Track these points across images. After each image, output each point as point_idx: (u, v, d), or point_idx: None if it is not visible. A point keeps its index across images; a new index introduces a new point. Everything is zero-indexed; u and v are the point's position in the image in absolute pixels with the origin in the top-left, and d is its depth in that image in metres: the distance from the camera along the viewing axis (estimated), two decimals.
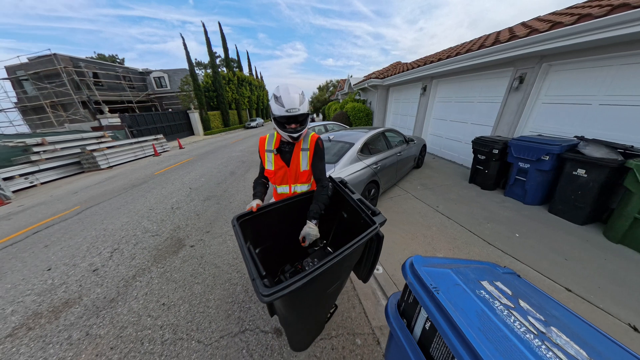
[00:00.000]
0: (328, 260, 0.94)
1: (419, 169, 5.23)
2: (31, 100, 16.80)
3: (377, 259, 1.34)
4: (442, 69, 5.35)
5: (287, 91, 1.22)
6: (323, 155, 1.48)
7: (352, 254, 1.14)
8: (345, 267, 1.26)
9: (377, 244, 1.28)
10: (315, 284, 0.97)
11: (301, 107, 1.25)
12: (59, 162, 7.41)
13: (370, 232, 1.12)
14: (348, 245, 1.03)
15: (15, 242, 3.36)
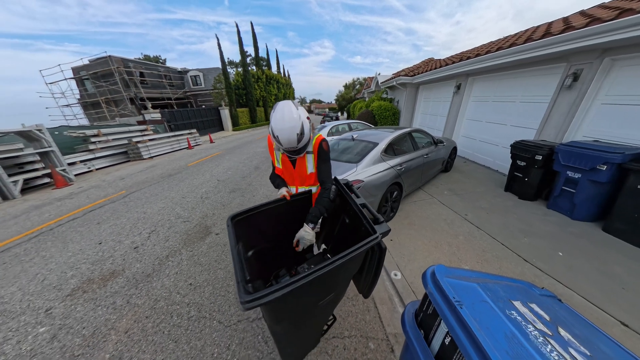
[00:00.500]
0: (316, 270, 0.84)
1: (448, 173, 4.91)
2: (90, 97, 19.34)
3: (379, 273, 1.20)
4: (480, 65, 4.92)
5: (283, 131, 1.16)
6: (327, 157, 1.44)
7: (348, 266, 1.03)
8: (341, 279, 1.15)
9: (378, 256, 1.14)
10: (301, 295, 0.89)
11: (300, 144, 1.22)
12: (110, 152, 8.44)
13: (369, 243, 0.99)
14: (340, 255, 0.91)
15: (75, 218, 3.93)
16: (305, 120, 1.21)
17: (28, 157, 6.09)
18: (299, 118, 1.17)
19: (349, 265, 1.04)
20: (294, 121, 1.15)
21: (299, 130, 1.17)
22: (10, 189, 5.32)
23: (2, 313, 2.05)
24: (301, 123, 1.18)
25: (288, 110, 1.17)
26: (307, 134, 1.23)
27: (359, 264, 1.23)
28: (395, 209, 3.24)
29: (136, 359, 1.59)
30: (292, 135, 1.16)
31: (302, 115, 1.20)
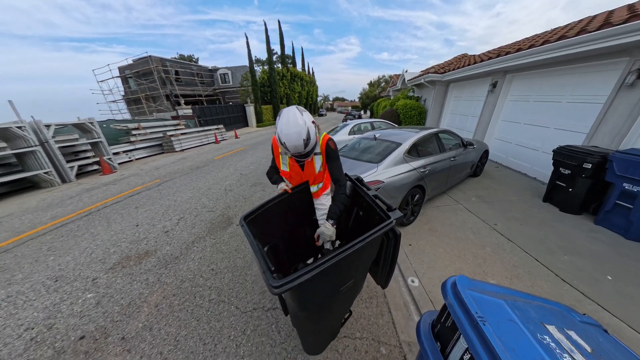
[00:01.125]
0: (339, 253, 0.90)
1: (477, 178, 4.57)
2: (132, 93, 21.35)
3: (395, 260, 1.25)
4: (522, 61, 4.46)
5: (290, 137, 1.18)
6: (336, 155, 1.46)
7: (366, 250, 1.09)
8: (360, 265, 1.20)
9: (394, 243, 1.19)
10: (326, 278, 0.94)
11: (306, 149, 1.24)
12: (147, 144, 9.28)
13: (385, 226, 1.04)
14: (361, 238, 0.97)
15: (118, 202, 4.40)
16: (311, 125, 1.23)
17: (82, 147, 6.95)
18: (305, 123, 1.19)
19: (366, 250, 1.08)
20: (299, 127, 1.17)
21: (305, 136, 1.19)
22: (68, 173, 6.13)
23: (60, 278, 2.39)
24: (307, 128, 1.19)
25: (293, 116, 1.19)
26: (313, 138, 1.26)
27: (375, 251, 1.26)
28: (415, 213, 3.11)
29: (163, 331, 1.75)
30: (298, 141, 1.19)
31: (307, 120, 1.22)
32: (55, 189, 5.56)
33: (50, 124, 5.90)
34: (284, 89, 24.19)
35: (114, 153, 7.71)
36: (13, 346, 1.70)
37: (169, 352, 1.60)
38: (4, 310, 2.03)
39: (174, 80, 20.54)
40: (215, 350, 1.60)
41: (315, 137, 1.28)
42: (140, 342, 1.68)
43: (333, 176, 1.48)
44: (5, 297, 2.18)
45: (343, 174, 1.49)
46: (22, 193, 5.43)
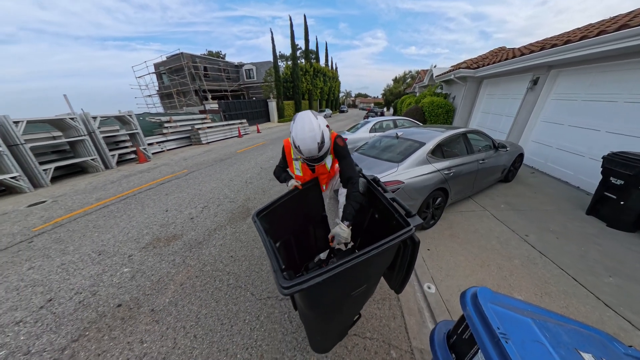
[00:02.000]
0: (353, 258, 0.87)
1: (508, 184, 4.22)
2: (165, 88, 22.93)
3: (412, 267, 1.19)
4: (571, 54, 3.96)
5: (305, 141, 1.20)
6: (346, 152, 1.43)
7: (381, 257, 1.04)
8: (373, 271, 1.15)
9: (412, 250, 1.12)
10: (337, 282, 0.92)
11: (321, 153, 1.25)
12: (177, 136, 9.95)
13: (403, 234, 0.98)
14: (376, 245, 0.92)
15: (151, 188, 4.82)
16: (325, 129, 1.24)
17: (121, 137, 7.67)
18: (319, 127, 1.20)
19: (382, 257, 1.04)
20: (314, 131, 1.19)
21: (320, 139, 1.20)
22: (110, 160, 6.83)
23: (102, 252, 2.71)
24: (321, 132, 1.21)
25: (308, 120, 1.21)
26: (327, 142, 1.26)
27: (391, 257, 1.21)
28: (436, 217, 2.97)
29: (187, 308, 1.91)
30: (313, 145, 1.20)
31: (322, 124, 1.23)
32: (100, 174, 6.23)
33: (97, 115, 6.59)
34: (307, 85, 24.26)
35: (149, 144, 8.40)
36: (66, 306, 1.98)
37: (191, 327, 1.74)
38: (59, 275, 2.36)
39: (202, 76, 21.67)
40: (231, 330, 1.70)
41: (330, 141, 1.29)
42: (166, 316, 1.85)
43: (344, 175, 1.42)
44: (60, 264, 2.53)
45: (355, 171, 1.43)
46: (74, 176, 6.18)
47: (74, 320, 1.84)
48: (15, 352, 1.61)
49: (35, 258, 2.66)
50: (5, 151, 4.75)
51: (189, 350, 1.58)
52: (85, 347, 1.63)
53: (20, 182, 4.97)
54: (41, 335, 1.73)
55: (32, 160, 5.22)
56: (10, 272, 2.43)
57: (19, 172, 4.95)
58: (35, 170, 5.29)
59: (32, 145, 5.33)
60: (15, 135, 4.99)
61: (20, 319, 1.87)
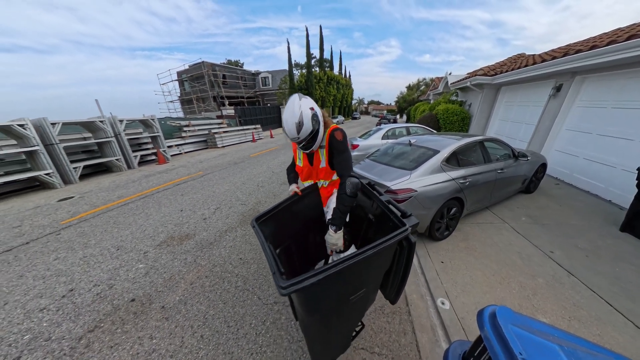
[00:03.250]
0: (348, 258, 0.87)
1: (530, 195, 3.98)
2: (186, 95, 24.20)
3: (408, 272, 1.15)
4: (599, 59, 3.75)
5: (286, 122, 1.23)
6: (342, 148, 1.34)
7: (378, 258, 1.02)
8: (371, 275, 1.12)
9: (407, 253, 1.09)
10: (334, 284, 0.92)
11: (300, 134, 1.23)
12: (195, 139, 10.40)
13: (399, 234, 0.97)
14: (372, 245, 0.91)
15: (168, 188, 5.02)
16: (307, 111, 1.22)
17: (144, 139, 8.14)
18: (299, 108, 1.21)
19: (379, 259, 1.02)
20: (293, 112, 1.21)
21: (297, 120, 1.20)
22: (132, 161, 7.23)
23: (120, 247, 2.84)
24: (300, 113, 1.20)
25: (291, 101, 1.23)
26: (308, 125, 1.23)
27: (388, 260, 1.18)
28: (451, 228, 2.84)
29: (195, 307, 1.93)
30: (291, 125, 1.21)
31: (304, 105, 1.22)
32: (123, 173, 6.61)
33: (123, 119, 7.05)
34: (320, 92, 24.68)
35: (168, 146, 8.83)
36: (85, 297, 2.08)
37: (198, 327, 1.76)
38: (81, 267, 2.49)
39: (221, 83, 22.69)
40: (237, 334, 1.70)
41: (311, 124, 1.24)
42: (176, 314, 1.88)
43: (337, 172, 1.38)
44: (82, 257, 2.67)
45: (348, 170, 1.33)
46: (99, 174, 6.60)
47: (91, 311, 1.92)
48: (37, 338, 1.70)
49: (61, 249, 2.83)
50: (42, 150, 5.19)
51: (195, 351, 1.58)
52: (100, 338, 1.69)
53: (53, 179, 5.38)
54: (61, 323, 1.82)
55: (65, 159, 5.65)
56: (39, 262, 2.60)
57: (53, 169, 5.37)
58: (67, 168, 5.71)
59: (65, 145, 5.78)
60: (52, 136, 5.45)
61: (45, 306, 1.98)
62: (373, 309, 1.89)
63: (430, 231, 2.66)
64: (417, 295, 2.04)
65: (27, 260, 2.65)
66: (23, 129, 4.96)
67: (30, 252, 2.81)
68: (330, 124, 1.40)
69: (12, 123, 4.84)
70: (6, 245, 2.99)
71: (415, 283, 2.18)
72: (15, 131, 4.99)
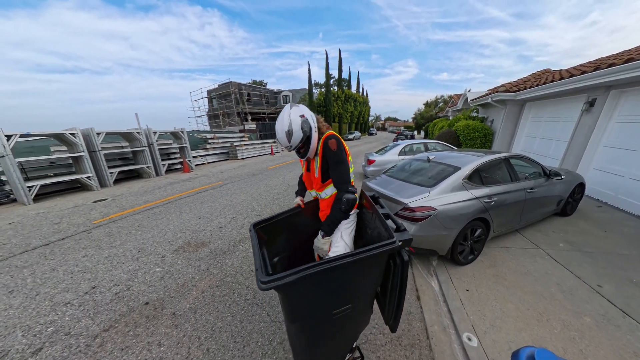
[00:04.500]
0: (325, 262, 0.84)
1: (566, 218, 3.59)
2: (214, 110, 26.18)
3: (403, 294, 1.05)
4: (637, 72, 3.47)
5: (277, 131, 1.23)
6: (338, 159, 1.25)
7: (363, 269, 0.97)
8: (357, 289, 1.05)
9: (401, 272, 1.00)
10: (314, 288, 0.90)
11: (292, 142, 1.22)
12: (218, 151, 11.04)
13: (383, 246, 0.89)
14: (355, 252, 0.88)
15: (189, 196, 5.28)
16: (296, 118, 1.19)
17: (173, 149, 8.80)
18: (288, 116, 1.19)
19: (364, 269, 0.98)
20: (283, 120, 1.20)
21: (287, 128, 1.18)
22: (161, 169, 7.80)
23: (141, 250, 2.97)
24: (289, 121, 1.18)
25: (283, 111, 1.23)
26: (298, 132, 1.20)
27: (378, 276, 1.11)
28: (476, 252, 2.61)
29: (204, 317, 1.91)
30: (282, 134, 1.20)
31: (293, 113, 1.20)
32: (151, 180, 7.11)
33: (156, 131, 7.75)
34: (337, 109, 25.40)
35: (193, 156, 9.44)
36: (105, 295, 2.16)
37: (205, 339, 1.72)
38: (105, 266, 2.63)
39: (245, 100, 24.33)
40: (243, 351, 1.63)
41: (301, 131, 1.20)
42: (185, 322, 1.87)
43: (334, 184, 1.33)
44: (107, 256, 2.83)
45: (345, 184, 1.27)
46: (131, 180, 7.16)
47: (108, 310, 1.98)
48: (59, 331, 1.78)
49: (90, 247, 3.04)
50: (86, 155, 5.82)
51: None
52: (113, 338, 1.72)
53: (91, 182, 5.95)
54: (81, 319, 1.89)
55: (104, 164, 6.27)
56: (70, 257, 2.80)
57: (92, 173, 5.96)
58: (104, 173, 6.31)
59: (106, 152, 6.44)
60: (96, 144, 6.11)
61: (69, 301, 2.09)
62: (389, 339, 1.73)
63: (452, 254, 2.46)
64: (438, 326, 1.83)
65: (61, 255, 2.86)
66: (74, 137, 5.64)
67: (64, 247, 3.04)
68: (325, 131, 1.32)
69: (66, 132, 5.54)
70: (46, 239, 3.27)
71: (437, 312, 1.98)
72: (67, 139, 5.69)
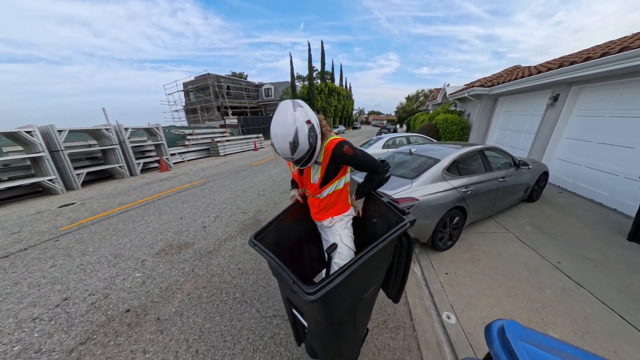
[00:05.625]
0: (365, 253, 0.91)
1: (533, 204, 3.94)
2: (191, 104, 24.78)
3: (408, 269, 1.25)
4: (594, 70, 3.82)
5: (277, 139, 0.97)
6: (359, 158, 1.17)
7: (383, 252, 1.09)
8: (378, 270, 1.19)
9: (407, 248, 1.18)
10: (353, 282, 0.94)
11: (295, 154, 0.99)
12: (198, 148, 10.52)
13: (400, 228, 1.05)
14: (380, 240, 0.97)
15: (169, 196, 5.02)
16: (302, 125, 0.95)
17: (148, 147, 8.23)
18: (294, 123, 0.93)
19: (384, 252, 1.10)
20: (286, 126, 0.93)
21: (292, 139, 0.93)
22: (135, 168, 7.28)
23: (118, 255, 2.79)
24: (295, 129, 0.93)
25: (284, 111, 0.94)
26: (304, 144, 0.97)
27: (390, 255, 1.25)
28: (454, 238, 2.79)
29: (191, 320, 1.87)
30: (284, 144, 0.95)
31: (300, 118, 0.95)
32: (125, 180, 6.64)
33: (128, 127, 7.17)
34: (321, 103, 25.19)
35: (171, 154, 8.92)
36: (79, 307, 2.02)
37: (194, 341, 1.69)
38: (77, 275, 2.44)
39: (225, 94, 23.27)
40: (234, 349, 1.62)
41: (308, 142, 0.99)
42: (171, 326, 1.81)
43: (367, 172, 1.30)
44: (79, 264, 2.63)
45: (378, 166, 1.25)
46: (102, 181, 6.63)
47: (84, 322, 1.86)
48: (27, 349, 1.64)
49: (58, 256, 2.80)
50: (47, 156, 5.25)
51: None
52: (91, 351, 1.62)
53: (55, 185, 5.41)
54: (53, 334, 1.76)
55: (68, 165, 5.71)
56: (35, 269, 2.56)
57: (56, 175, 5.41)
58: (70, 175, 5.76)
59: (70, 151, 5.86)
60: (58, 142, 5.53)
61: (37, 316, 1.92)
62: (376, 323, 1.82)
63: (433, 241, 2.61)
64: (421, 308, 1.97)
65: (24, 267, 2.60)
66: (30, 135, 5.05)
67: (27, 258, 2.77)
68: (328, 136, 1.15)
69: (20, 130, 4.94)
70: (4, 251, 2.96)
71: (419, 296, 2.11)
72: (22, 138, 5.09)
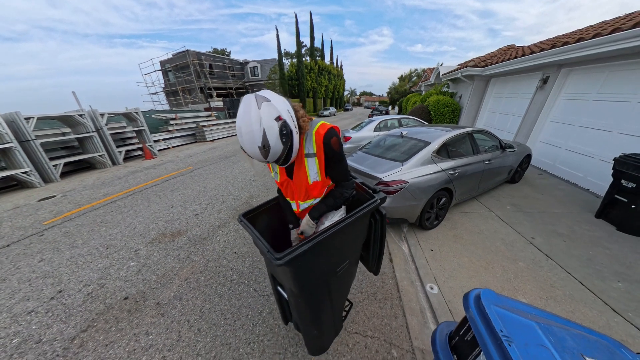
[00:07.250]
0: (333, 226, 0.98)
1: (514, 185, 4.16)
2: (171, 86, 23.13)
3: (384, 242, 1.35)
4: (583, 52, 3.86)
5: (244, 143, 0.82)
6: (340, 157, 1.02)
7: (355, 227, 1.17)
8: (352, 245, 1.25)
9: (381, 224, 1.26)
10: (322, 253, 1.01)
11: (269, 158, 0.85)
12: (183, 133, 10.05)
13: (370, 205, 1.12)
14: (349, 215, 1.05)
15: (157, 184, 4.89)
16: (271, 125, 0.80)
17: (128, 134, 7.78)
18: (259, 123, 0.78)
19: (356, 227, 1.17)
20: (252, 129, 0.79)
21: (260, 142, 0.80)
22: (117, 157, 6.94)
23: (110, 246, 2.77)
24: (262, 132, 0.79)
25: (247, 111, 0.79)
26: (277, 147, 0.84)
27: (364, 231, 1.32)
28: (440, 217, 2.95)
29: (191, 302, 1.95)
30: (253, 148, 0.82)
31: (266, 117, 0.79)
32: (107, 170, 6.35)
33: (104, 112, 6.69)
34: (311, 83, 24.17)
35: (155, 140, 8.51)
36: (75, 298, 2.04)
37: (195, 320, 1.78)
38: (69, 268, 2.43)
39: (207, 73, 21.78)
40: (234, 325, 1.73)
41: (281, 141, 0.84)
42: (171, 309, 1.88)
43: (333, 179, 1.11)
44: (69, 257, 2.60)
45: (348, 179, 1.12)
46: (82, 172, 6.32)
47: (82, 311, 1.90)
48: (27, 340, 1.67)
49: (46, 251, 2.74)
50: (16, 147, 4.88)
51: (193, 343, 1.61)
52: (94, 337, 1.68)
53: (31, 177, 5.10)
54: (52, 325, 1.79)
55: (43, 156, 5.35)
56: (23, 264, 2.51)
57: (30, 167, 5.08)
58: (46, 166, 5.42)
59: (43, 141, 5.45)
60: (27, 131, 5.11)
61: (32, 309, 1.93)
62: (366, 295, 1.97)
63: (420, 221, 2.75)
64: (407, 282, 2.13)
65: (10, 263, 2.55)
66: None
67: (12, 254, 2.70)
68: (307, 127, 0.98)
69: None
70: None
71: (406, 270, 2.28)
72: None
